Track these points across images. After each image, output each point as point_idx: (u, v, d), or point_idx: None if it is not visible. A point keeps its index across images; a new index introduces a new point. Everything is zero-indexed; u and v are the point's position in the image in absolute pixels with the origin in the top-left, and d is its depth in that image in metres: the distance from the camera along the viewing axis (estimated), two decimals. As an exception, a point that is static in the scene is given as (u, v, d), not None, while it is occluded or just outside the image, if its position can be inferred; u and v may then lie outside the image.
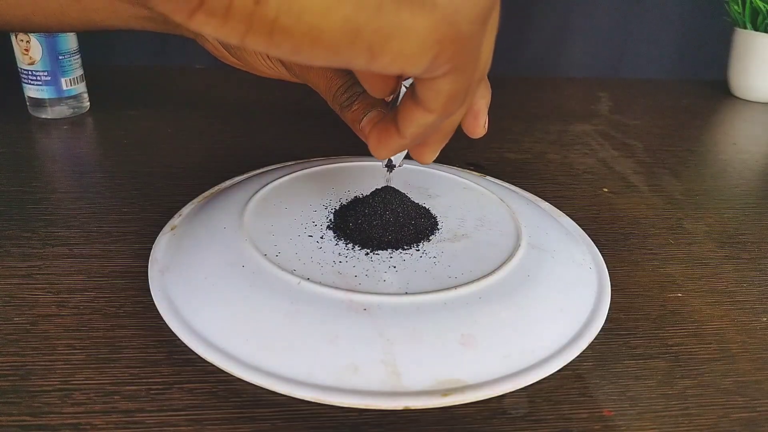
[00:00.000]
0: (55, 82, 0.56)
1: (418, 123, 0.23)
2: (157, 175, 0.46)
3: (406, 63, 0.18)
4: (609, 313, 0.32)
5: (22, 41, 0.54)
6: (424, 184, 0.41)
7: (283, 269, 0.30)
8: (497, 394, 0.26)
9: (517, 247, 0.33)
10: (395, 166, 0.33)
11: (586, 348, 0.29)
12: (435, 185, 0.41)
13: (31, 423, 0.24)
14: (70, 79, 0.56)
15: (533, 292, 0.31)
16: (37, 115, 0.57)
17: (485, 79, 0.26)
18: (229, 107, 0.64)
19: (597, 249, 0.38)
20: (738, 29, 0.77)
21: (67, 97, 0.57)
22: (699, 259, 0.39)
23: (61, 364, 0.27)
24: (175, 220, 0.38)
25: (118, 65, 0.76)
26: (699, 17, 0.85)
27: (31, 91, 0.56)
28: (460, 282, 0.30)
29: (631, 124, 0.67)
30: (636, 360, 0.30)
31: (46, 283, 0.32)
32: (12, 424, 0.24)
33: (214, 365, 0.27)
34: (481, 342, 0.27)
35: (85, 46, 0.58)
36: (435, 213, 0.37)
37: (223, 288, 0.30)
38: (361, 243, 0.33)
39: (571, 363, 0.28)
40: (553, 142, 0.60)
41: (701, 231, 0.43)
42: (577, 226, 0.41)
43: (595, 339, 0.30)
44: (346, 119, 0.32)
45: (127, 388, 0.26)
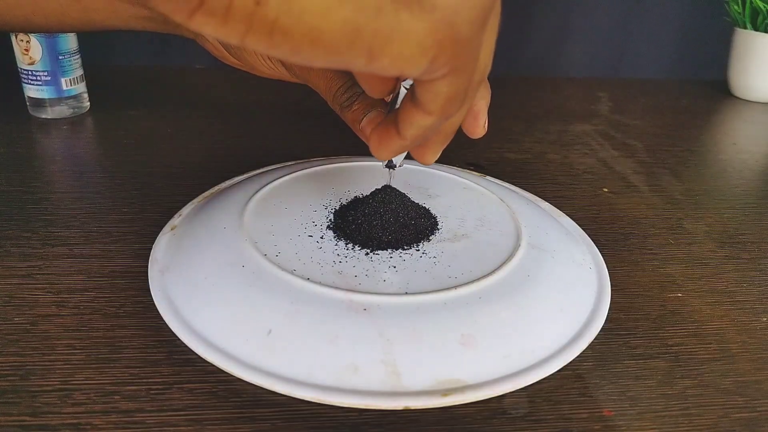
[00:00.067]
0: (55, 82, 0.56)
1: (417, 125, 0.23)
2: (157, 175, 0.46)
3: (405, 65, 0.18)
4: (609, 313, 0.32)
5: (22, 41, 0.54)
6: (424, 184, 0.41)
7: (283, 269, 0.30)
8: (497, 394, 0.26)
9: (517, 247, 0.33)
10: (396, 166, 0.33)
11: (586, 348, 0.29)
12: (435, 185, 0.41)
13: (31, 423, 0.24)
14: (70, 79, 0.56)
15: (533, 292, 0.31)
16: (37, 115, 0.57)
17: (485, 79, 0.26)
18: (229, 107, 0.64)
19: (597, 249, 0.38)
20: (738, 29, 0.77)
21: (67, 97, 0.57)
22: (699, 259, 0.39)
23: (61, 364, 0.27)
24: (175, 220, 0.38)
25: (118, 65, 0.76)
26: (699, 17, 0.86)
27: (31, 91, 0.56)
28: (460, 282, 0.30)
29: (631, 124, 0.67)
30: (636, 360, 0.30)
31: (46, 283, 0.32)
32: (12, 424, 0.24)
33: (214, 365, 0.27)
34: (481, 342, 0.27)
35: (85, 46, 0.58)
36: (435, 213, 0.37)
37: (223, 288, 0.30)
38: (361, 243, 0.33)
39: (571, 363, 0.28)
40: (553, 142, 0.60)
41: (701, 231, 0.43)
42: (577, 226, 0.41)
43: (595, 339, 0.30)
44: (346, 119, 0.32)
45: (127, 388, 0.26)
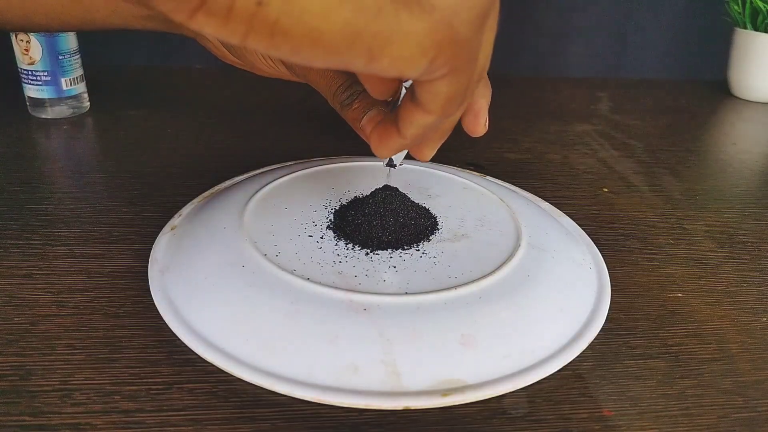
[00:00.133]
0: (55, 82, 0.56)
1: (417, 124, 0.23)
2: (157, 175, 0.46)
3: (404, 66, 0.18)
4: (609, 313, 0.32)
5: (22, 41, 0.54)
6: (424, 184, 0.41)
7: (283, 269, 0.30)
8: (497, 394, 0.26)
9: (517, 247, 0.33)
10: (396, 165, 0.33)
11: (586, 348, 0.29)
12: (435, 185, 0.41)
13: (31, 423, 0.24)
14: (70, 79, 0.56)
15: (533, 292, 0.31)
16: (37, 115, 0.57)
17: (485, 77, 0.26)
18: (229, 107, 0.64)
19: (597, 249, 0.38)
20: (738, 29, 0.77)
21: (67, 97, 0.57)
22: (699, 259, 0.39)
23: (61, 364, 0.27)
24: (175, 220, 0.38)
25: (118, 65, 0.76)
26: (699, 17, 0.85)
27: (31, 91, 0.56)
28: (460, 282, 0.30)
29: (631, 124, 0.67)
30: (636, 360, 0.30)
31: (46, 283, 0.32)
32: (12, 424, 0.24)
33: (214, 365, 0.27)
34: (481, 342, 0.27)
35: (85, 46, 0.58)
36: (435, 213, 0.37)
37: (223, 288, 0.30)
38: (361, 243, 0.33)
39: (571, 363, 0.28)
40: (553, 142, 0.60)
41: (701, 231, 0.43)
42: (577, 226, 0.41)
43: (595, 339, 0.30)
44: (346, 118, 0.32)
45: (127, 388, 0.26)
